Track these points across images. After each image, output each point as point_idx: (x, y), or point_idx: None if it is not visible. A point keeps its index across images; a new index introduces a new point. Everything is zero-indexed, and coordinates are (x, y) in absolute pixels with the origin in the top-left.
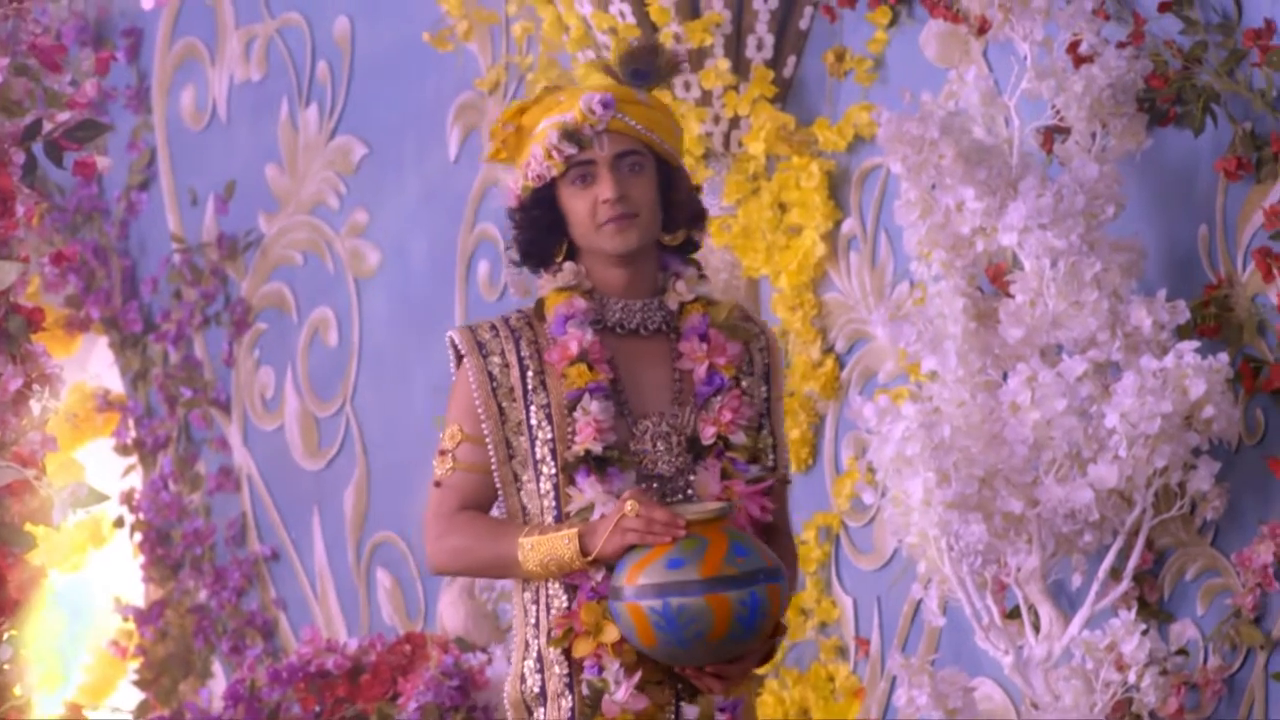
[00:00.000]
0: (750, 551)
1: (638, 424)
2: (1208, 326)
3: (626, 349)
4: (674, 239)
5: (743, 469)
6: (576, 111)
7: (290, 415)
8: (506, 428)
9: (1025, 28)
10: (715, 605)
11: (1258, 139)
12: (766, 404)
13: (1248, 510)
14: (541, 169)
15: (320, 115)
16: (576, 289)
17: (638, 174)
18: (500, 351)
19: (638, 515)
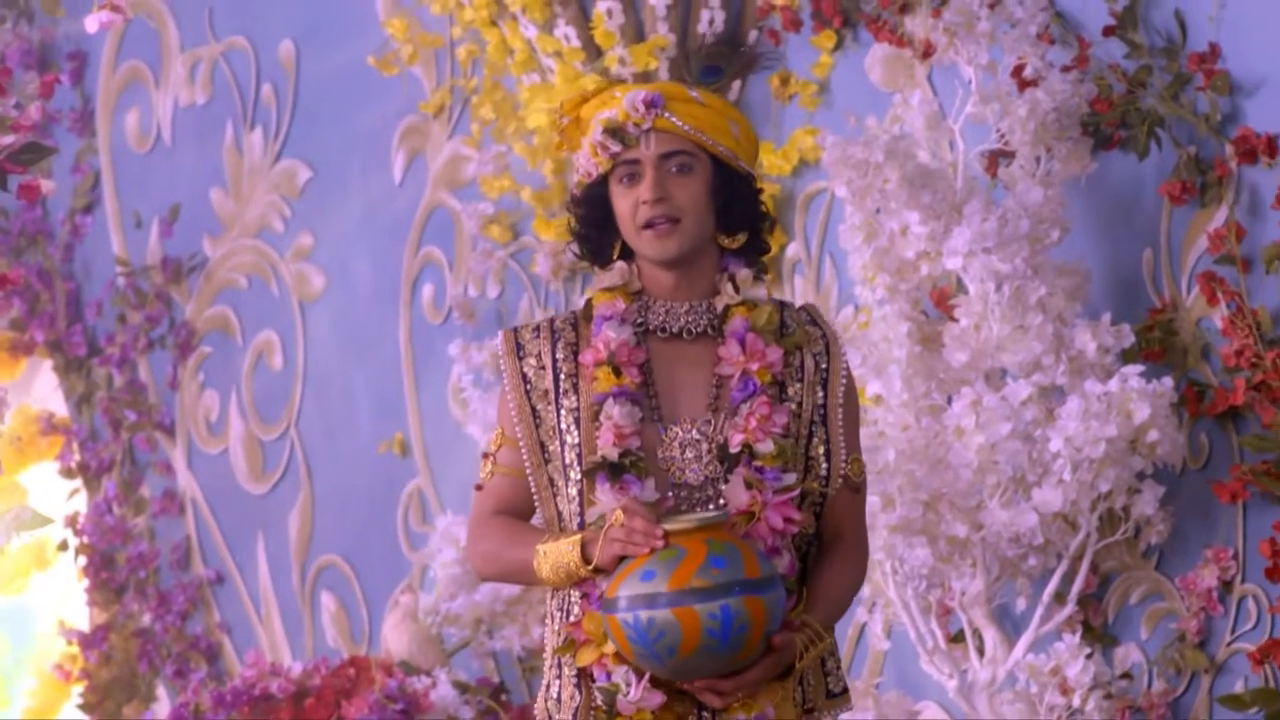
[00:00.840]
0: (730, 562)
1: (668, 430)
2: (1152, 350)
3: (668, 353)
4: (733, 242)
5: (770, 478)
6: (620, 109)
7: (235, 439)
8: (541, 431)
9: (970, 52)
10: (682, 619)
11: (1202, 163)
12: (823, 410)
13: (1192, 534)
14: (589, 165)
15: (265, 139)
16: (622, 289)
17: (685, 175)
18: (537, 353)
19: (621, 524)
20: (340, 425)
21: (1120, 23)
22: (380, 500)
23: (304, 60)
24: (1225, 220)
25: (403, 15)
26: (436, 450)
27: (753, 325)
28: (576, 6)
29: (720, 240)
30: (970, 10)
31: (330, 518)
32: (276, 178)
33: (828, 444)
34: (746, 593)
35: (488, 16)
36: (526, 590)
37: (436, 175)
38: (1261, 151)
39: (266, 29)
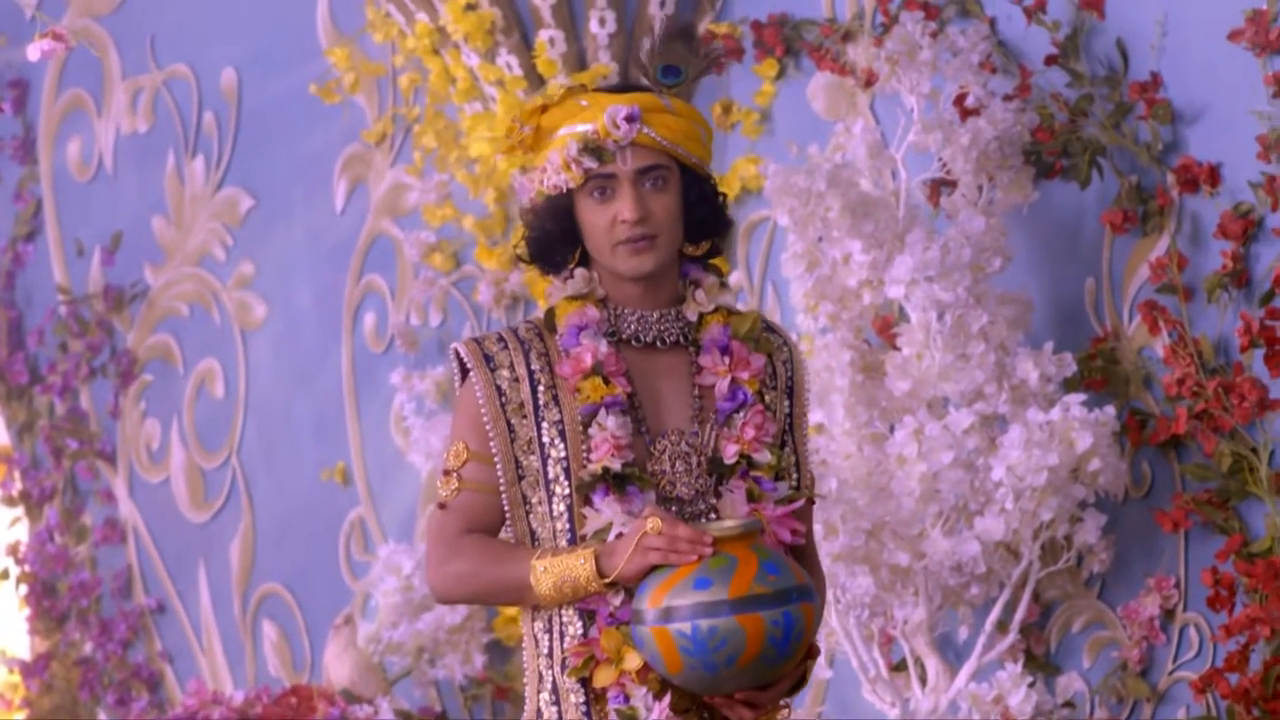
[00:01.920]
0: (782, 569)
1: (655, 443)
2: (1094, 379)
3: (643, 363)
4: (697, 249)
5: (769, 489)
6: (599, 124)
7: (176, 467)
8: (516, 446)
9: (912, 80)
10: (748, 626)
11: (1144, 192)
12: (789, 420)
13: (1134, 563)
14: (558, 179)
15: (207, 167)
16: (589, 298)
17: (660, 190)
18: (509, 365)
19: (659, 533)
20: (282, 454)
21: (1062, 52)
22: (322, 529)
23: (246, 88)
24: (1167, 249)
25: (345, 44)
26: (378, 479)
27: (735, 333)
28: (519, 35)
29: (686, 249)
30: (912, 39)
31: (272, 546)
32: (218, 206)
33: (796, 453)
34: (802, 599)
35: (430, 45)
36: (469, 618)
37: (378, 203)
38: (1203, 180)
39: (208, 57)
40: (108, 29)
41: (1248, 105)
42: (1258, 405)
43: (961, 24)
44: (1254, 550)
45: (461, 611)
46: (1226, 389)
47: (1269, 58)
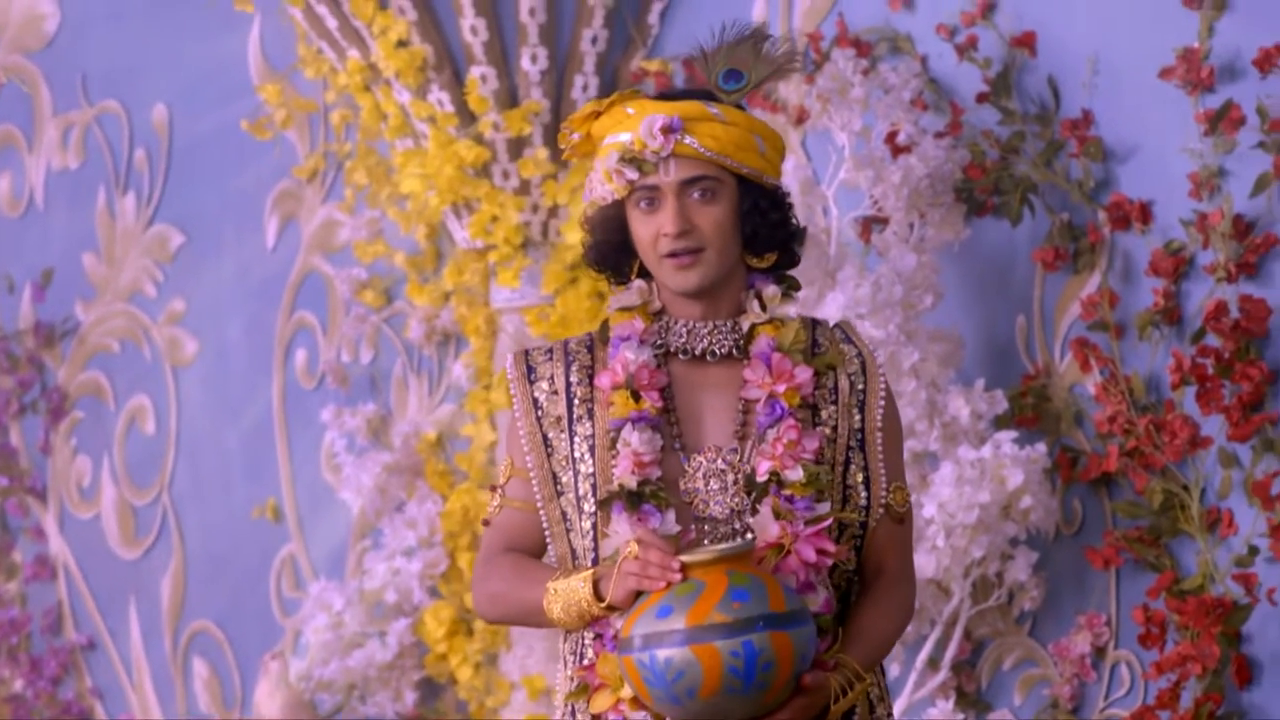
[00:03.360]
0: (752, 595)
1: (690, 459)
2: (1025, 416)
3: (692, 376)
4: (762, 262)
5: (800, 508)
6: (636, 135)
7: (107, 504)
8: (554, 461)
9: (843, 118)
10: (702, 657)
11: (1075, 229)
12: (860, 435)
13: (1065, 600)
14: (604, 190)
15: (138, 203)
16: (641, 309)
17: (709, 202)
18: (550, 376)
19: (636, 558)
20: (213, 490)
21: (993, 89)
22: (253, 565)
23: (177, 124)
24: (1098, 287)
25: (276, 80)
26: (309, 516)
27: (779, 344)
28: (450, 72)
29: (749, 260)
30: (844, 77)
31: (202, 583)
32: (149, 242)
33: (866, 471)
34: (771, 628)
35: (361, 82)
36: (400, 656)
37: (310, 240)
38: (1134, 218)
39: (140, 93)
40: (38, 65)
41: (1179, 143)
42: (1189, 443)
43: (893, 61)
44: (1185, 588)
45: (393, 649)
46: (1158, 426)
47: (1200, 96)
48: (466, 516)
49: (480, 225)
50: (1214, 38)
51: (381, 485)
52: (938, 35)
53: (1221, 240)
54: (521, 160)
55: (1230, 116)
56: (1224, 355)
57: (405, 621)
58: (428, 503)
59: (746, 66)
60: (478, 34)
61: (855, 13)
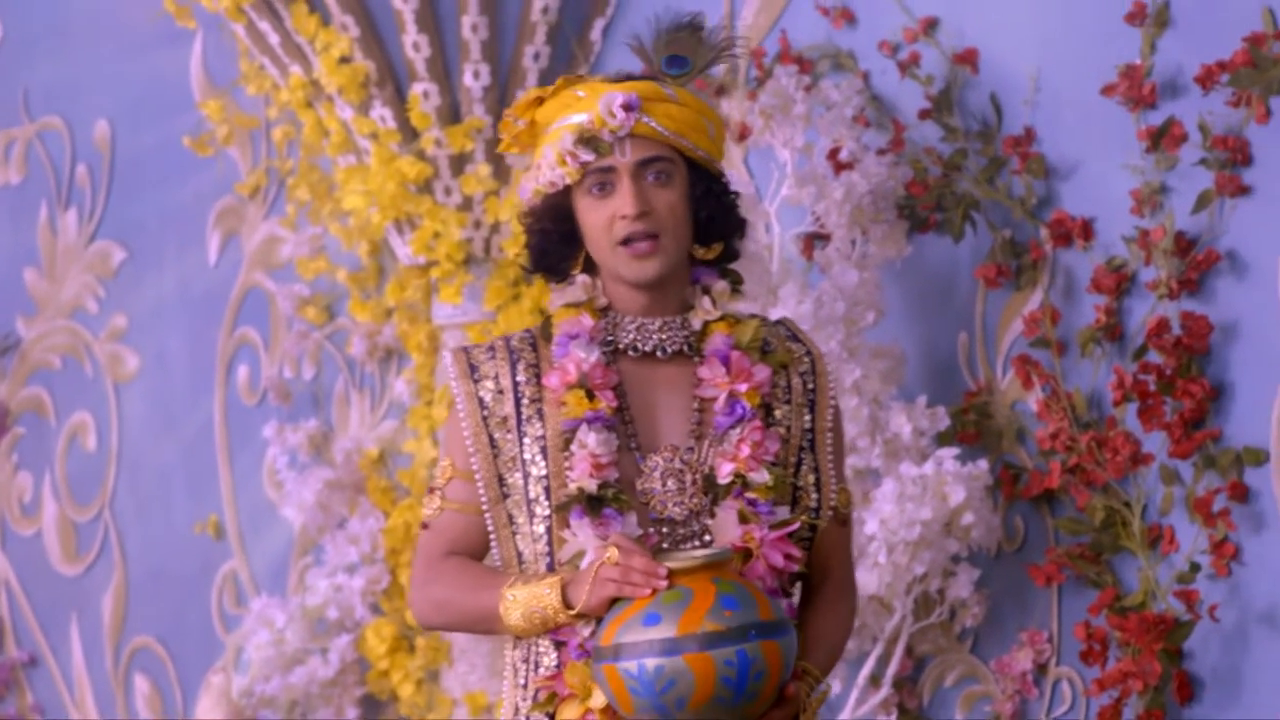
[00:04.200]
0: (742, 604)
1: (646, 460)
2: (967, 433)
3: (642, 374)
4: (708, 253)
5: (764, 511)
6: (595, 114)
7: (48, 520)
8: (499, 462)
9: (786, 134)
10: (696, 666)
11: (1017, 246)
12: (810, 435)
13: (1007, 617)
14: (554, 175)
15: (79, 219)
16: (587, 305)
17: (664, 185)
18: (494, 375)
19: (615, 564)
20: (154, 506)
21: (936, 106)
22: (194, 582)
23: (119, 140)
24: (1040, 303)
25: (218, 96)
26: (251, 532)
27: (737, 343)
28: (392, 88)
29: (695, 252)
30: (786, 93)
31: (144, 599)
32: (91, 258)
33: (817, 472)
34: (763, 637)
35: (303, 98)
36: (342, 672)
37: (252, 256)
38: (1076, 235)
39: (82, 109)
40: None
41: (1121, 160)
42: (1131, 459)
43: (835, 78)
44: (1127, 604)
45: (335, 665)
46: (1100, 443)
47: (1142, 112)
48: (409, 533)
49: (422, 241)
50: (1156, 54)
51: (323, 501)
52: (880, 52)
53: (1163, 257)
54: (464, 176)
55: (1172, 133)
56: (1166, 372)
57: (347, 638)
58: (370, 519)
59: (689, 52)
60: (420, 50)
61: (798, 30)
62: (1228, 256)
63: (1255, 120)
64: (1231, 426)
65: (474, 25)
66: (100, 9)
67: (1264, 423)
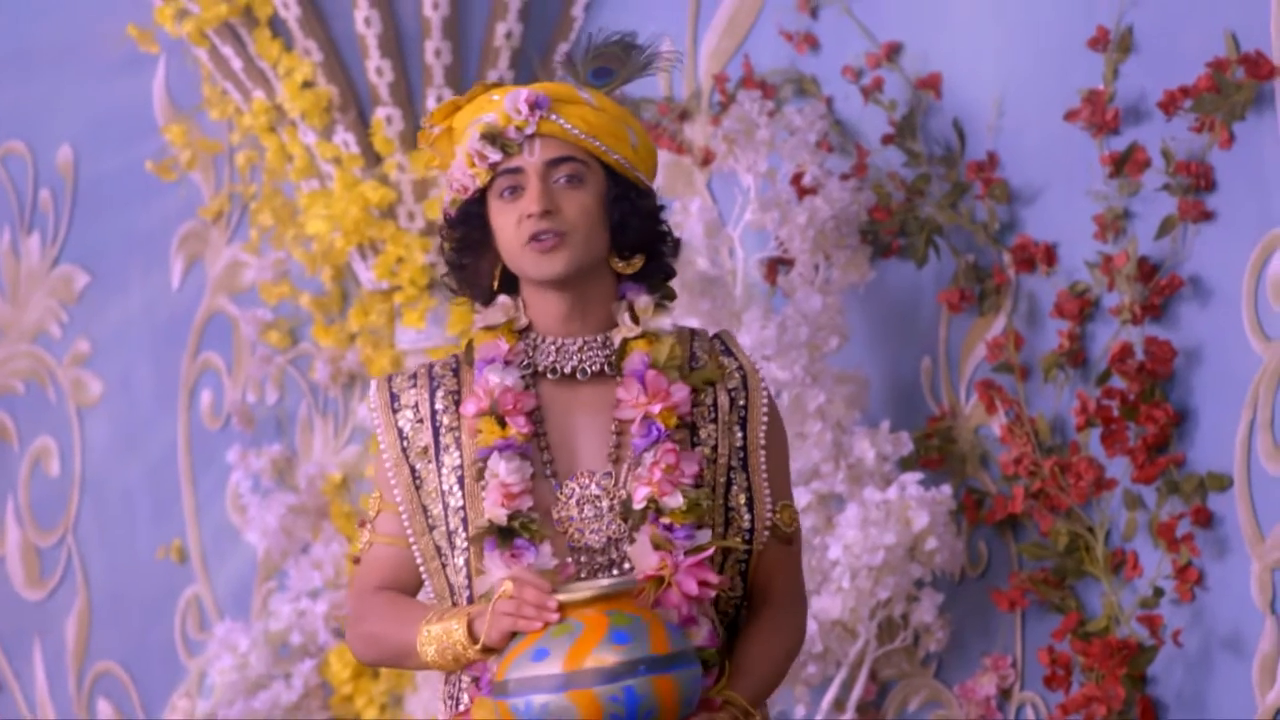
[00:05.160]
0: (634, 637)
1: (563, 486)
2: (931, 458)
3: (562, 397)
4: (628, 266)
5: (680, 536)
6: (500, 112)
7: (11, 545)
8: (423, 493)
9: (749, 159)
10: (580, 704)
11: (980, 271)
12: (743, 453)
13: (971, 642)
14: (465, 178)
15: (42, 243)
16: (505, 327)
17: (575, 187)
18: (414, 404)
19: (510, 597)
20: (118, 531)
21: (899, 131)
22: (158, 607)
23: (82, 165)
24: (1004, 328)
25: (182, 121)
26: (215, 557)
27: (653, 361)
28: (355, 113)
29: (614, 264)
30: (749, 118)
31: (107, 624)
32: (54, 283)
33: (749, 492)
34: (654, 672)
35: (267, 123)
36: (305, 696)
37: (215, 281)
38: (1039, 260)
39: (44, 133)
40: None
41: (1084, 185)
42: (1094, 484)
43: (798, 103)
44: (1090, 629)
45: (298, 690)
46: (1063, 468)
47: (1105, 138)
48: None
49: (386, 266)
50: (1119, 80)
51: (287, 526)
52: (843, 77)
53: (1126, 282)
54: (427, 201)
55: (1135, 159)
56: (1129, 397)
57: (310, 663)
58: (333, 544)
59: (616, 64)
60: (383, 75)
61: (761, 55)
62: (1191, 282)
63: (1218, 145)
64: (1195, 451)
65: (437, 50)
66: (64, 33)
67: (1227, 448)
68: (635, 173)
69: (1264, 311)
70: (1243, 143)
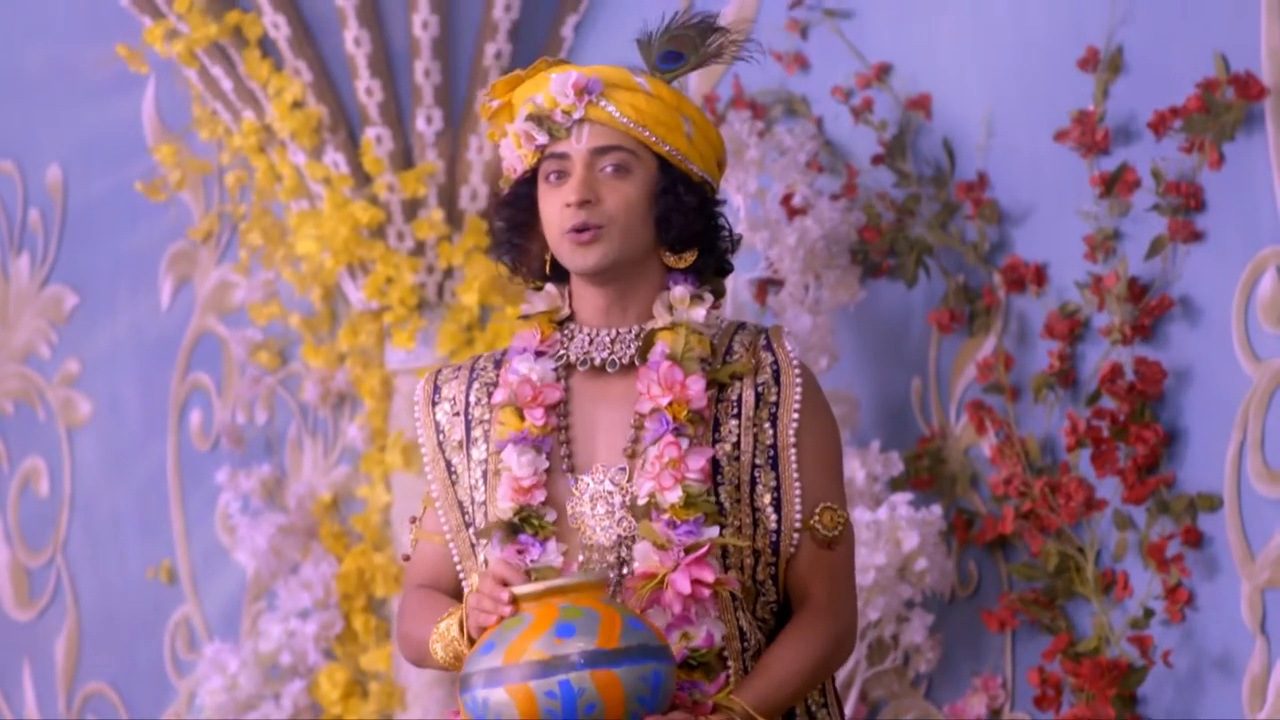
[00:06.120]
0: (579, 630)
1: (579, 481)
2: (921, 478)
3: (592, 390)
4: (679, 261)
5: (683, 533)
6: (547, 94)
7: (0, 565)
8: (458, 489)
9: (739, 179)
10: (517, 698)
11: (970, 291)
12: (772, 451)
13: (961, 662)
14: (513, 159)
15: (32, 264)
16: (544, 316)
17: (620, 177)
18: (452, 397)
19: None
20: (107, 552)
21: (889, 151)
22: (147, 627)
23: (71, 185)
24: (994, 349)
25: (171, 141)
26: (204, 577)
27: (671, 352)
28: (345, 133)
29: (665, 258)
30: (739, 138)
31: (97, 645)
32: (43, 303)
33: (777, 492)
34: (592, 666)
35: (256, 143)
36: (294, 717)
37: (204, 301)
38: (1029, 280)
39: (34, 153)
40: None
41: (1074, 205)
42: (1084, 505)
43: (788, 123)
44: (1080, 650)
45: (288, 710)
46: (1053, 488)
47: (1095, 158)
48: (362, 578)
49: (375, 287)
50: (1109, 100)
51: (276, 547)
52: (833, 98)
53: (1116, 303)
54: (416, 222)
55: (1125, 179)
56: (1119, 418)
57: (300, 683)
58: (323, 564)
59: (689, 49)
60: (373, 95)
61: (751, 75)
62: (1181, 302)
63: (1208, 166)
64: (1185, 472)
65: (426, 70)
66: (53, 53)
67: (1217, 468)
68: (688, 164)
69: (1254, 332)
70: (1233, 163)
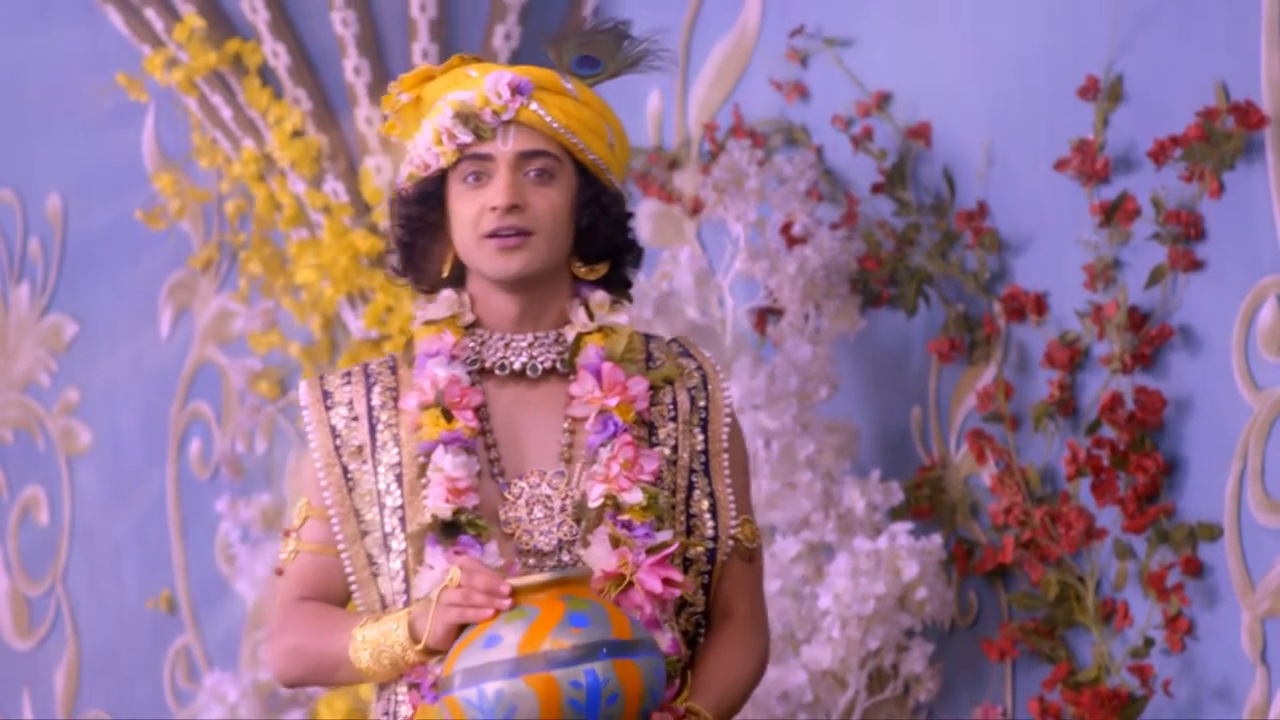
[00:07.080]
0: (593, 621)
1: (511, 486)
2: (921, 508)
3: (509, 395)
4: (590, 273)
5: (641, 535)
6: (479, 92)
7: (0, 595)
8: (356, 496)
9: (739, 208)
10: (538, 688)
11: (970, 320)
12: (704, 457)
13: (961, 692)
14: (429, 155)
15: (32, 293)
16: (450, 321)
17: (545, 183)
18: (348, 401)
19: (458, 585)
20: (107, 581)
21: (889, 180)
22: (147, 657)
23: (71, 214)
24: (994, 378)
25: (171, 170)
26: (204, 607)
27: (609, 354)
28: (345, 162)
29: (575, 269)
30: (739, 167)
31: (96, 674)
32: (43, 332)
33: (712, 498)
34: (616, 655)
35: (256, 172)
36: None
37: (204, 330)
38: (1030, 309)
39: (33, 182)
40: None
41: (1074, 234)
42: (1084, 534)
43: (788, 152)
44: (1081, 679)
45: None
46: (1053, 518)
47: (1095, 187)
48: None
49: (375, 315)
50: (1109, 129)
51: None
52: (833, 126)
53: (1116, 332)
54: None
55: (1125, 208)
56: (1119, 447)
57: (300, 713)
58: None
59: (605, 56)
60: (372, 124)
61: (750, 104)
62: (1181, 331)
63: (1208, 195)
64: (1185, 501)
65: None
66: (52, 82)
67: (1217, 498)
68: (608, 174)
69: (1254, 361)
70: (1233, 192)
